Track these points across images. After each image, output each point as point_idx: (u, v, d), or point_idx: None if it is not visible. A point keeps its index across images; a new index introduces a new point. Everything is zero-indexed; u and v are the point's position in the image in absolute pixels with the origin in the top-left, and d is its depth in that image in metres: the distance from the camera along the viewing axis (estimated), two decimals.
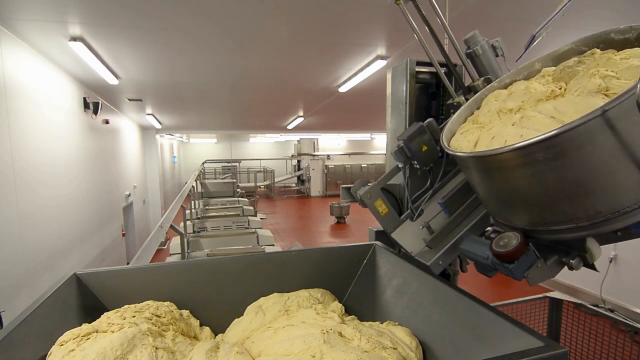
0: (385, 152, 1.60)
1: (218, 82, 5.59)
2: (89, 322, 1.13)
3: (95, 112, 5.71)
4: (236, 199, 8.77)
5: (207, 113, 9.32)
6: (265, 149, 24.18)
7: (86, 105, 5.42)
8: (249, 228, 5.72)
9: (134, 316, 1.18)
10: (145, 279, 1.39)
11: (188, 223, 5.08)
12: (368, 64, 4.55)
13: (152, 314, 1.23)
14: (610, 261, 5.19)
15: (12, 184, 3.21)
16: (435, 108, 1.77)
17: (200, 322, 1.37)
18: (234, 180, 10.48)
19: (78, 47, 3.59)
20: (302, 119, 10.14)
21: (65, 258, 4.38)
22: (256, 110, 9.01)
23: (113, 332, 1.07)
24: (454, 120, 1.20)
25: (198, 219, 6.12)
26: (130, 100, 6.84)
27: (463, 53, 1.40)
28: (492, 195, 1.02)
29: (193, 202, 6.43)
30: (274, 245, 4.99)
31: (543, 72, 1.13)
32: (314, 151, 20.75)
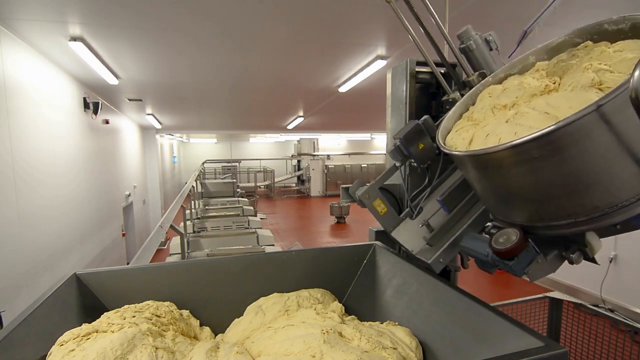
0: (385, 152, 1.60)
1: (218, 82, 5.59)
2: (89, 322, 1.13)
3: (95, 112, 5.71)
4: (236, 199, 8.77)
5: (207, 113, 9.32)
6: (265, 149, 24.18)
7: (86, 105, 5.42)
8: (249, 228, 5.72)
9: (134, 316, 1.18)
10: (145, 279, 1.39)
11: (188, 223, 5.08)
12: (368, 64, 4.55)
13: (152, 314, 1.23)
14: (610, 261, 5.19)
15: (12, 184, 3.21)
16: (435, 108, 1.76)
17: (200, 322, 1.37)
18: (234, 180, 10.49)
19: (78, 47, 3.59)
20: (302, 119, 10.14)
21: (65, 258, 4.38)
22: (256, 110, 9.01)
23: (113, 332, 1.07)
24: (449, 117, 1.19)
25: (198, 219, 6.12)
26: (130, 100, 6.84)
27: (457, 49, 1.39)
28: (490, 193, 1.02)
29: (193, 202, 6.43)
30: (274, 245, 4.99)
31: (537, 67, 1.12)
32: (314, 151, 20.75)
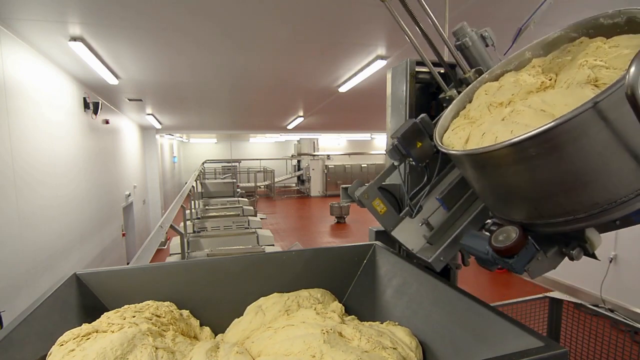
0: (385, 152, 1.59)
1: (218, 82, 5.59)
2: (89, 322, 1.13)
3: (95, 112, 5.71)
4: (236, 199, 8.77)
5: (207, 113, 9.32)
6: (265, 149, 24.18)
7: (86, 105, 5.42)
8: (249, 228, 5.72)
9: (134, 316, 1.18)
10: (145, 279, 1.39)
11: (188, 223, 5.08)
12: (368, 64, 4.55)
13: (152, 314, 1.23)
14: (610, 261, 5.19)
15: (12, 184, 3.21)
16: (435, 108, 1.76)
17: (200, 322, 1.37)
18: (234, 180, 10.49)
19: (78, 47, 3.59)
20: (302, 119, 10.14)
21: (65, 258, 4.38)
22: (256, 110, 9.02)
23: (113, 332, 1.06)
24: (446, 115, 1.19)
25: (198, 219, 6.12)
26: (130, 100, 6.84)
27: (453, 46, 1.38)
28: (488, 191, 1.02)
29: (193, 202, 6.43)
30: (274, 245, 4.99)
31: (533, 63, 1.11)
32: (314, 151, 20.74)
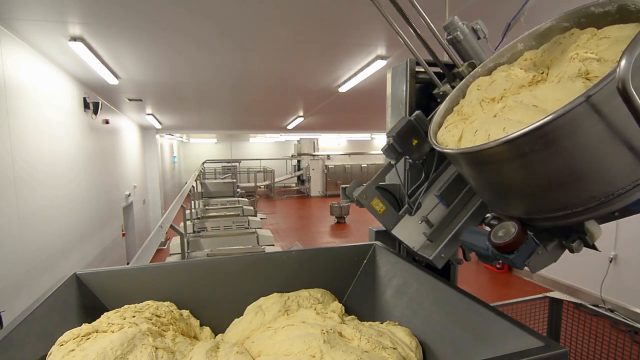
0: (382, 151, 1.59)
1: (218, 82, 5.59)
2: (89, 322, 1.13)
3: (95, 112, 5.71)
4: (236, 199, 8.78)
5: (207, 113, 9.32)
6: (265, 149, 24.19)
7: (86, 105, 5.42)
8: (249, 228, 5.73)
9: (134, 316, 1.18)
10: (145, 279, 1.39)
11: (188, 223, 5.08)
12: (368, 64, 4.55)
13: (152, 314, 1.23)
14: (610, 261, 5.19)
15: (12, 184, 3.21)
16: (435, 108, 1.76)
17: (200, 322, 1.37)
18: (234, 180, 10.49)
19: (78, 47, 3.59)
20: (302, 119, 10.14)
21: (65, 258, 4.39)
22: (256, 110, 9.02)
23: (113, 332, 1.06)
24: (440, 111, 1.18)
25: (198, 219, 6.12)
26: (130, 100, 6.84)
27: (445, 40, 1.37)
28: (485, 188, 1.02)
29: (193, 202, 6.43)
30: (274, 245, 4.99)
31: (525, 56, 1.10)
32: (314, 151, 20.75)
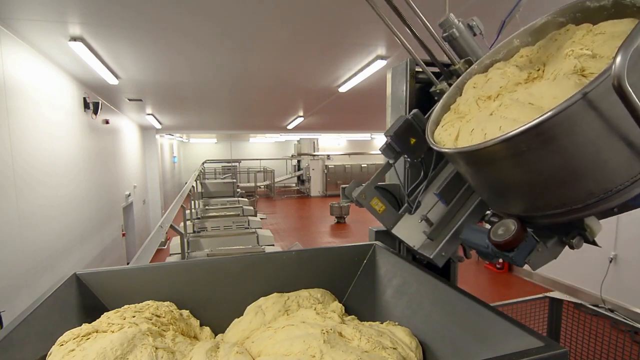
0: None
1: (218, 82, 5.59)
2: (89, 322, 1.13)
3: (95, 112, 5.72)
4: (236, 199, 8.78)
5: (207, 113, 9.32)
6: (265, 149, 24.19)
7: (86, 105, 5.42)
8: (249, 228, 5.73)
9: (134, 316, 1.18)
10: (145, 279, 1.39)
11: (188, 223, 5.08)
12: (368, 64, 4.55)
13: (152, 314, 1.23)
14: (610, 261, 5.19)
15: (12, 184, 3.21)
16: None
17: (200, 322, 1.37)
18: (234, 180, 10.49)
19: (78, 47, 3.59)
20: (302, 119, 10.14)
21: (65, 258, 4.39)
22: (256, 110, 9.02)
23: (113, 332, 1.06)
24: (437, 109, 1.18)
25: (198, 219, 6.12)
26: (130, 100, 6.84)
27: (440, 38, 1.36)
28: (483, 187, 1.01)
29: (193, 202, 6.43)
30: (274, 245, 4.99)
31: (521, 52, 1.10)
32: (314, 151, 20.75)
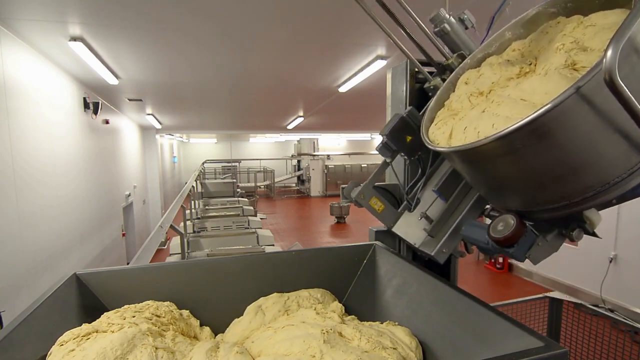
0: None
1: (218, 82, 5.59)
2: (89, 322, 1.13)
3: (95, 112, 5.72)
4: (236, 199, 8.79)
5: (207, 113, 9.32)
6: (265, 149, 24.19)
7: (86, 105, 5.42)
8: (249, 228, 5.73)
9: (134, 316, 1.18)
10: (145, 279, 1.39)
11: (188, 223, 5.08)
12: (368, 64, 4.55)
13: (152, 314, 1.23)
14: (610, 261, 5.20)
15: (12, 184, 3.21)
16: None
17: (200, 322, 1.37)
18: (234, 180, 10.50)
19: (78, 47, 3.59)
20: (302, 119, 10.14)
21: (65, 258, 4.39)
22: (256, 110, 9.02)
23: (113, 332, 1.06)
24: (432, 106, 1.17)
25: (198, 219, 6.13)
26: (130, 100, 6.84)
27: (431, 33, 1.34)
28: (480, 184, 1.01)
29: (193, 202, 6.44)
30: (274, 245, 5.00)
31: (513, 46, 1.09)
32: (314, 151, 20.75)
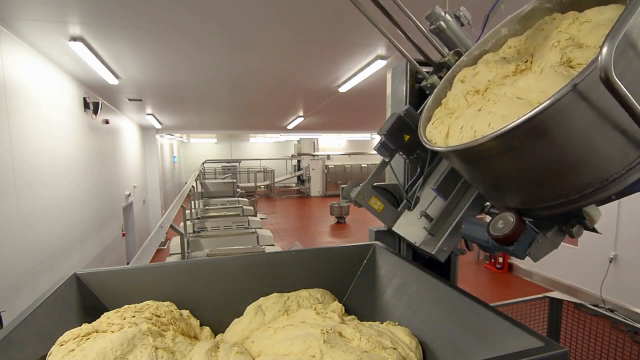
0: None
1: (218, 82, 5.59)
2: (89, 322, 1.13)
3: (95, 112, 5.72)
4: (236, 199, 8.79)
5: (207, 113, 9.32)
6: (265, 149, 24.19)
7: (86, 105, 5.42)
8: (249, 228, 5.73)
9: (134, 316, 1.18)
10: (145, 279, 1.39)
11: (188, 223, 5.08)
12: (368, 64, 4.55)
13: (152, 314, 1.23)
14: (610, 261, 5.20)
15: (12, 184, 3.21)
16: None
17: (200, 322, 1.37)
18: (234, 180, 10.50)
19: (78, 47, 3.59)
20: (302, 119, 10.15)
21: (65, 258, 4.39)
22: (256, 110, 9.02)
23: (113, 332, 1.06)
24: (429, 105, 1.17)
25: (198, 219, 6.13)
26: (130, 100, 6.84)
27: (427, 31, 1.34)
28: (479, 182, 1.01)
29: (193, 202, 6.44)
30: (274, 245, 5.00)
31: (509, 43, 1.09)
32: (314, 151, 20.75)
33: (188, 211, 5.42)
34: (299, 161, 22.33)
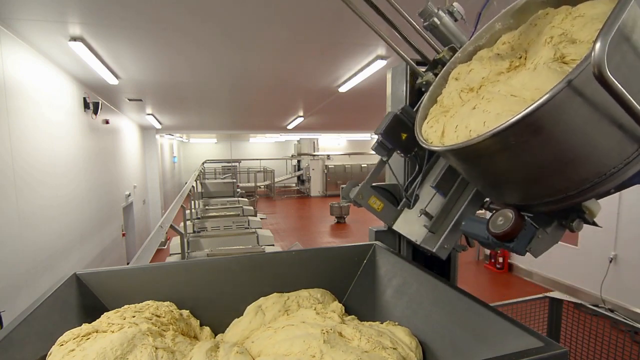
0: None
1: (218, 82, 5.59)
2: (89, 322, 1.13)
3: (95, 112, 5.72)
4: (236, 199, 8.79)
5: (207, 113, 9.32)
6: (265, 149, 24.20)
7: (86, 105, 5.43)
8: (249, 228, 5.73)
9: (134, 316, 1.18)
10: (145, 279, 1.39)
11: (188, 223, 5.08)
12: (368, 64, 4.55)
13: (152, 314, 1.23)
14: (610, 261, 5.20)
15: (12, 184, 3.21)
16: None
17: (200, 322, 1.37)
18: (234, 180, 10.50)
19: (78, 47, 3.59)
20: (302, 119, 10.15)
21: (65, 258, 4.39)
22: (256, 110, 9.02)
23: (113, 332, 1.06)
24: (425, 103, 1.16)
25: (198, 219, 6.13)
26: (130, 100, 6.84)
27: (421, 28, 1.34)
28: (477, 180, 1.01)
29: (193, 202, 6.44)
30: (274, 245, 5.00)
31: (503, 39, 1.09)
32: (314, 151, 20.75)
33: (188, 211, 5.42)
34: (299, 161, 22.33)
